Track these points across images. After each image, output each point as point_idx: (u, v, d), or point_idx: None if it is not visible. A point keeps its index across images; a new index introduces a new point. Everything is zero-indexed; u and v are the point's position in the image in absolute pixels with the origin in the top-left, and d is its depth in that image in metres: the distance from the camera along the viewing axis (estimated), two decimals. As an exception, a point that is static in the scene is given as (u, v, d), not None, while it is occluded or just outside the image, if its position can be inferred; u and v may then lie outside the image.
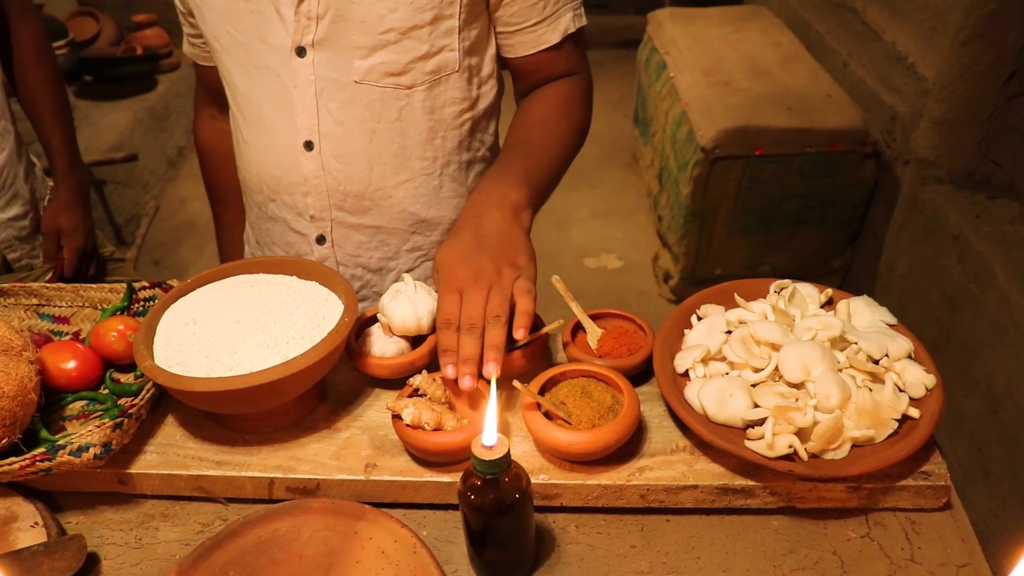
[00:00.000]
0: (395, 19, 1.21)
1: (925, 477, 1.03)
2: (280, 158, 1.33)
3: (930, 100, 2.57)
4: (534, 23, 1.29)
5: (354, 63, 1.24)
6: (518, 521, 0.94)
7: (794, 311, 1.18)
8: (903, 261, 2.74)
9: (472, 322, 1.06)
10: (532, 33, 1.30)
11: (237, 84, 1.32)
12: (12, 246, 1.82)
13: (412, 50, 1.24)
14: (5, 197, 1.78)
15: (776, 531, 1.04)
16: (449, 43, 1.26)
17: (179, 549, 1.06)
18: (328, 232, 1.40)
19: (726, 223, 3.24)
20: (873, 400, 1.04)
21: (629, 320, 1.25)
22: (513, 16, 1.28)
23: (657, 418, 1.14)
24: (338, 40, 1.22)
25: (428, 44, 1.24)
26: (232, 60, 1.30)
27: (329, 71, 1.25)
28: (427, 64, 1.26)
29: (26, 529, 1.05)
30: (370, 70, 1.25)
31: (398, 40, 1.23)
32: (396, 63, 1.25)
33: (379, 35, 1.22)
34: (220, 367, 1.08)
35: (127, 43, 4.54)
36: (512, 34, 1.31)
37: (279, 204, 1.40)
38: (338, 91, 1.26)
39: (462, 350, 1.05)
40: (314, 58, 1.24)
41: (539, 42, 1.32)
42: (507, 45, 1.34)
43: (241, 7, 1.24)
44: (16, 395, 1.07)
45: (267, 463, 1.11)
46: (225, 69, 1.33)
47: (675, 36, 3.89)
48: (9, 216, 1.80)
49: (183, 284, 1.24)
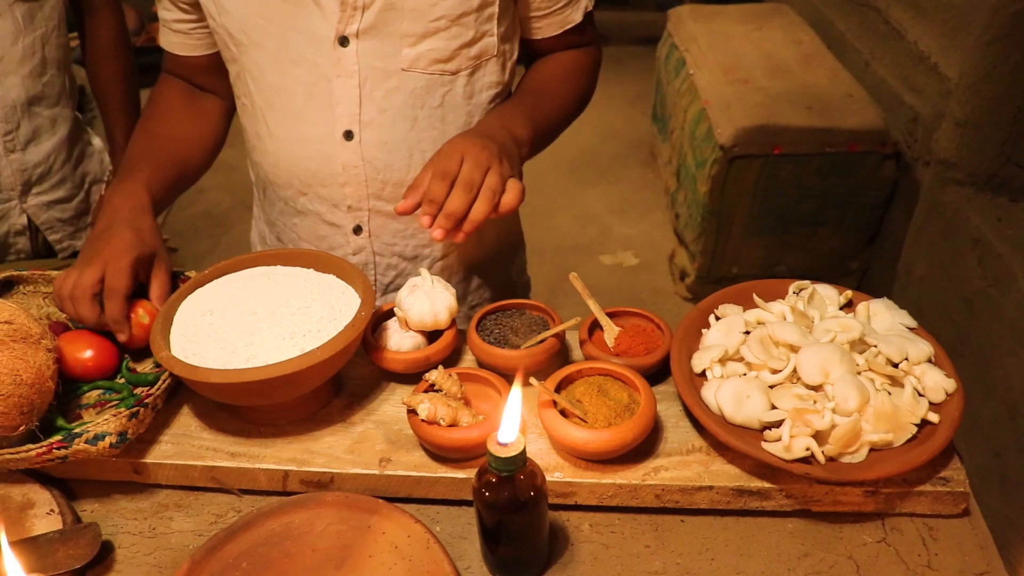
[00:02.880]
0: (446, 6, 1.21)
1: (944, 483, 1.02)
2: (315, 150, 1.32)
3: (953, 101, 2.54)
4: (562, 5, 1.34)
5: (402, 51, 1.24)
6: (532, 519, 0.93)
7: (813, 312, 1.18)
8: (921, 263, 2.72)
9: (470, 182, 1.13)
10: (559, 15, 1.35)
11: (266, 77, 1.30)
12: (53, 227, 1.84)
13: (460, 36, 1.25)
14: (52, 180, 1.80)
15: (791, 534, 1.04)
16: (490, 28, 1.28)
17: (192, 539, 1.07)
18: (365, 222, 1.40)
19: (743, 222, 3.23)
20: (892, 404, 1.03)
21: (646, 319, 1.24)
22: (543, 1, 1.33)
23: (673, 418, 1.13)
24: (386, 28, 1.22)
25: (474, 30, 1.26)
26: (262, 53, 1.28)
27: (374, 60, 1.24)
28: (471, 50, 1.28)
29: (42, 516, 1.06)
30: (418, 57, 1.25)
31: (448, 27, 1.23)
32: (444, 50, 1.26)
33: (429, 23, 1.22)
34: (236, 358, 1.08)
35: (148, 33, 4.56)
36: (542, 17, 1.35)
37: (311, 197, 1.39)
38: (383, 79, 1.26)
39: (450, 203, 1.13)
40: (358, 47, 1.23)
41: (565, 22, 1.36)
42: (535, 28, 1.37)
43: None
44: (34, 383, 1.07)
45: (281, 455, 1.11)
46: (252, 63, 1.30)
47: (695, 33, 3.87)
48: (53, 199, 1.82)
49: (200, 275, 1.24)
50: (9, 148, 1.68)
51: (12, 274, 1.40)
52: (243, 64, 1.32)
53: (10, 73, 1.65)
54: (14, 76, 1.65)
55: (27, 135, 1.71)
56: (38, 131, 1.74)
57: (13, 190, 1.73)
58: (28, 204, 1.76)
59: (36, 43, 1.68)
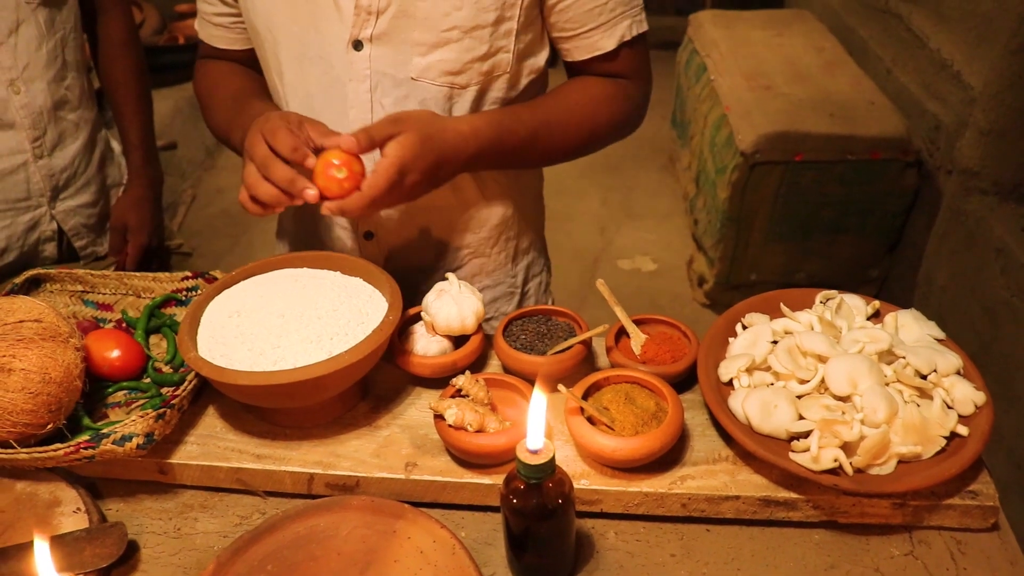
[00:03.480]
0: (459, 17, 1.19)
1: (973, 496, 1.01)
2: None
3: (976, 109, 2.53)
4: (589, 29, 1.27)
5: (412, 59, 1.23)
6: (559, 526, 0.93)
7: (841, 323, 1.17)
8: (943, 273, 2.70)
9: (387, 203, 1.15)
10: (587, 39, 1.28)
11: (286, 74, 1.30)
12: (79, 233, 1.84)
13: (472, 49, 1.23)
14: (77, 184, 1.81)
15: (817, 545, 1.03)
16: (506, 44, 1.24)
17: (217, 541, 1.07)
18: (376, 228, 1.39)
19: (763, 228, 3.22)
20: (921, 416, 1.02)
21: (673, 326, 1.24)
22: (568, 22, 1.27)
23: (700, 426, 1.13)
24: (398, 36, 1.21)
25: (488, 44, 1.23)
26: (283, 50, 1.28)
27: (386, 66, 1.24)
28: (484, 65, 1.25)
29: (69, 514, 1.06)
30: (428, 67, 1.24)
31: (460, 39, 1.21)
32: (455, 62, 1.23)
33: (441, 32, 1.20)
34: (264, 360, 1.08)
35: (170, 32, 4.57)
36: (567, 39, 1.30)
37: None
38: (393, 87, 1.25)
39: (353, 211, 1.11)
40: (371, 52, 1.23)
41: (594, 48, 1.29)
42: (563, 50, 1.32)
43: None
44: (62, 381, 1.08)
45: (307, 458, 1.11)
46: (274, 59, 1.31)
47: (716, 39, 3.86)
48: (79, 203, 1.82)
49: (227, 276, 1.24)
50: (37, 154, 1.69)
51: (39, 272, 1.41)
52: (268, 60, 1.33)
53: (36, 79, 1.66)
54: (40, 81, 1.66)
55: (53, 140, 1.72)
56: (63, 135, 1.75)
57: (43, 196, 1.74)
58: (57, 210, 1.77)
59: (57, 47, 1.69)
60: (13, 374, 1.04)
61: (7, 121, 1.64)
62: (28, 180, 1.70)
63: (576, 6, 1.24)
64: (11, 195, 1.70)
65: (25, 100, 1.64)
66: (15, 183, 1.69)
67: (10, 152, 1.66)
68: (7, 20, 1.59)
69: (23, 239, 1.75)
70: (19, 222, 1.73)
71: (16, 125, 1.65)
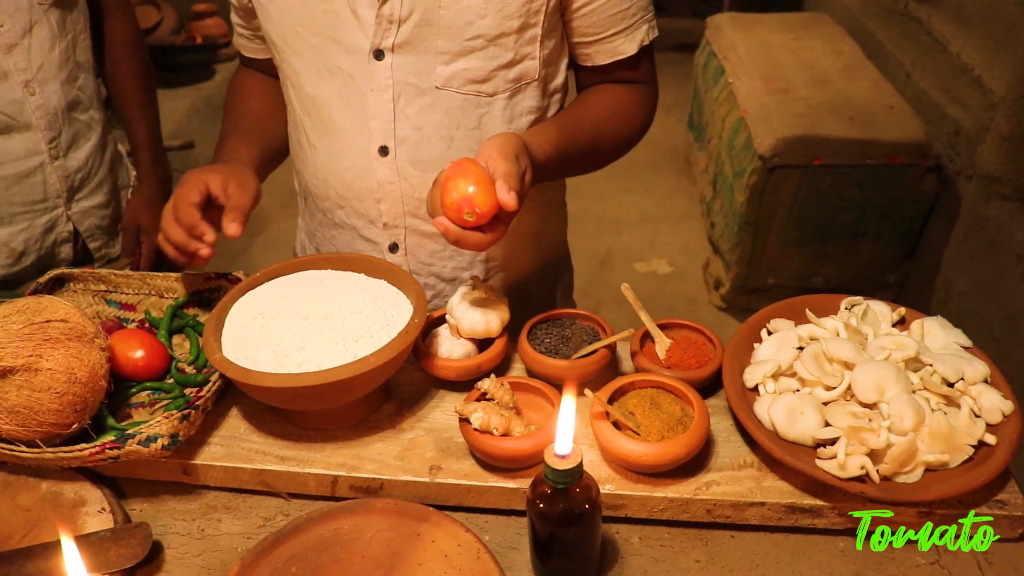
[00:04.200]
0: (484, 25, 1.19)
1: (1000, 506, 1.01)
2: (351, 163, 1.31)
3: (998, 114, 2.51)
4: (611, 34, 1.27)
5: (436, 68, 1.22)
6: (586, 531, 0.93)
7: (867, 329, 1.16)
8: (962, 278, 2.69)
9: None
10: (609, 44, 1.28)
11: (305, 86, 1.30)
12: (94, 235, 1.85)
13: (497, 57, 1.22)
14: (91, 185, 1.82)
15: (843, 552, 1.03)
16: (531, 51, 1.24)
17: (241, 542, 1.07)
18: (401, 240, 1.38)
19: (780, 232, 3.21)
20: (948, 424, 1.02)
21: (698, 331, 1.23)
22: (591, 27, 1.27)
23: (724, 432, 1.13)
24: (421, 44, 1.20)
25: (513, 52, 1.22)
26: (301, 61, 1.28)
27: (409, 75, 1.23)
28: (510, 72, 1.25)
29: (94, 514, 1.07)
30: (453, 76, 1.23)
31: (484, 47, 1.21)
32: (480, 70, 1.23)
33: (465, 41, 1.20)
34: (288, 362, 1.08)
35: (187, 32, 4.59)
36: (589, 44, 1.29)
37: (348, 211, 1.38)
38: (417, 96, 1.24)
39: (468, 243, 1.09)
40: (393, 62, 1.22)
41: (615, 53, 1.29)
42: (583, 54, 1.32)
43: (313, 7, 1.22)
44: (88, 381, 1.08)
45: (331, 460, 1.11)
46: (292, 70, 1.30)
47: (734, 41, 3.86)
48: (93, 204, 1.83)
49: (252, 277, 1.25)
50: (53, 155, 1.70)
51: (63, 272, 1.42)
52: (284, 72, 1.33)
53: (50, 80, 1.67)
54: (54, 82, 1.67)
55: (68, 141, 1.73)
56: (76, 136, 1.76)
57: (59, 197, 1.74)
58: (73, 211, 1.78)
59: (69, 48, 1.71)
60: (40, 374, 1.05)
61: (24, 122, 1.65)
62: (45, 181, 1.71)
63: (599, 11, 1.24)
64: (29, 197, 1.71)
65: (40, 101, 1.65)
66: (33, 185, 1.70)
67: (27, 154, 1.67)
68: (21, 22, 1.60)
69: (41, 241, 1.76)
70: (37, 224, 1.74)
71: (33, 126, 1.66)
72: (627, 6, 1.25)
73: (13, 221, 1.70)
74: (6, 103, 1.61)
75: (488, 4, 1.17)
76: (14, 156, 1.65)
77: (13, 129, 1.64)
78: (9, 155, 1.65)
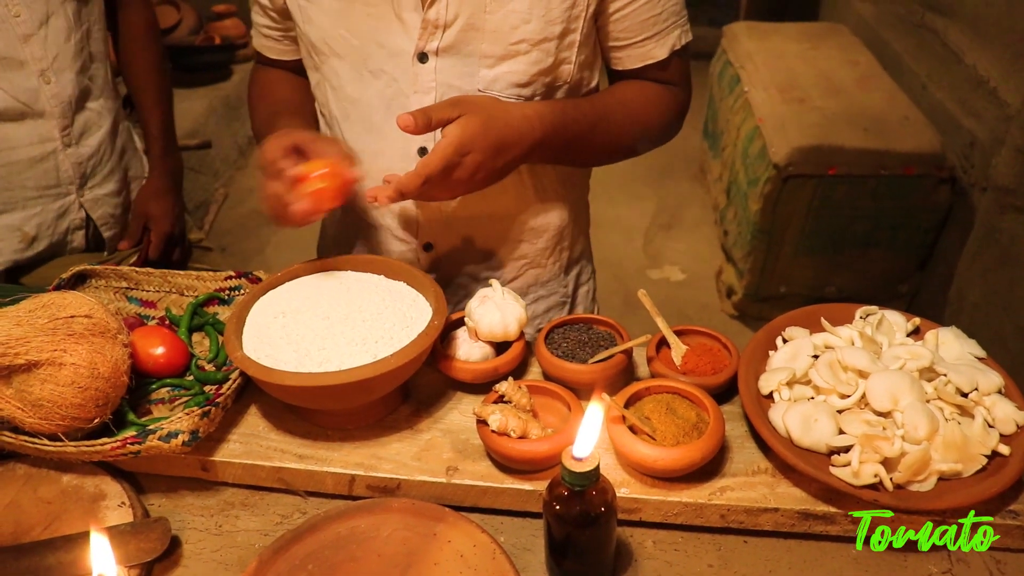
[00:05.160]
0: (528, 30, 1.20)
1: (1014, 516, 1.01)
2: (391, 164, 1.30)
3: (1013, 126, 2.51)
4: (643, 39, 1.28)
5: (480, 71, 1.23)
6: (601, 534, 0.94)
7: (882, 339, 1.17)
8: (975, 290, 2.69)
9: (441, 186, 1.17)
10: (640, 48, 1.30)
11: (346, 87, 1.30)
12: (107, 223, 1.89)
13: (539, 62, 1.23)
14: (103, 172, 1.85)
15: (855, 560, 1.03)
16: (569, 56, 1.25)
17: (258, 539, 1.08)
18: (436, 240, 1.40)
19: (794, 241, 3.21)
20: (962, 434, 1.02)
21: (713, 338, 1.24)
22: (623, 32, 1.28)
23: (739, 438, 1.13)
24: (465, 48, 1.21)
25: (553, 57, 1.24)
26: (343, 63, 1.28)
27: (452, 78, 1.24)
28: (548, 77, 1.26)
29: (114, 508, 1.08)
30: (496, 79, 1.24)
31: (528, 52, 1.22)
32: (523, 74, 1.24)
33: (510, 45, 1.21)
34: (309, 362, 1.09)
35: (206, 32, 4.62)
36: (621, 48, 1.31)
37: (383, 211, 1.39)
38: None
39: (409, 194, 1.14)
40: (437, 64, 1.23)
41: (646, 57, 1.30)
42: (615, 58, 1.33)
43: (357, 9, 1.22)
44: (110, 377, 1.10)
45: (349, 460, 1.12)
46: (332, 72, 1.31)
47: (750, 50, 3.86)
48: (106, 192, 1.87)
49: (273, 277, 1.26)
50: (66, 143, 1.74)
51: (85, 268, 1.43)
52: (324, 74, 1.33)
53: (65, 69, 1.71)
54: (68, 72, 1.71)
55: (80, 129, 1.77)
56: (88, 124, 1.80)
57: (72, 184, 1.78)
58: (85, 199, 1.82)
59: (84, 39, 1.74)
60: (64, 368, 1.06)
61: (38, 110, 1.69)
62: (58, 168, 1.75)
63: (632, 16, 1.25)
64: (42, 182, 1.75)
65: (55, 90, 1.69)
66: (46, 170, 1.74)
67: (41, 140, 1.71)
68: (39, 12, 1.63)
69: (54, 227, 1.79)
70: (50, 209, 1.78)
71: (46, 114, 1.70)
72: (659, 11, 1.26)
73: (27, 206, 1.74)
74: (22, 91, 1.65)
75: (533, 9, 1.18)
76: (28, 142, 1.70)
77: (27, 116, 1.68)
78: (23, 141, 1.69)
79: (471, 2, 1.18)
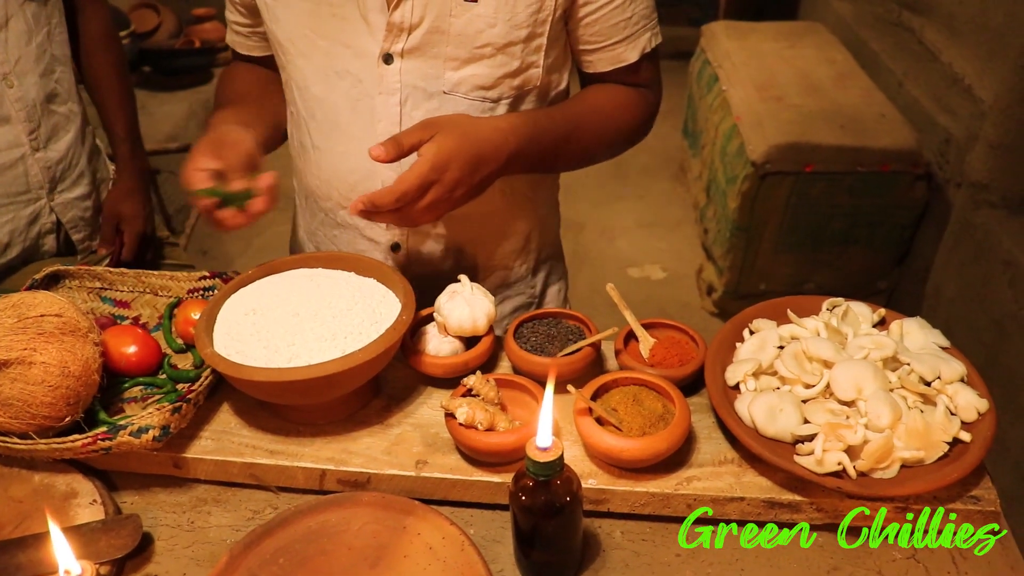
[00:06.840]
0: (493, 34, 1.20)
1: (975, 501, 1.03)
2: (356, 164, 1.32)
3: (987, 123, 2.54)
4: (614, 42, 1.29)
5: (445, 74, 1.24)
6: (567, 524, 0.95)
7: (847, 329, 1.18)
8: (951, 285, 2.71)
9: (420, 208, 1.15)
10: (611, 51, 1.30)
11: (311, 88, 1.31)
12: (77, 226, 1.88)
13: (504, 65, 1.24)
14: (71, 176, 1.85)
15: (821, 547, 1.04)
16: (536, 60, 1.26)
17: (230, 534, 1.09)
18: (404, 241, 1.40)
19: (773, 239, 3.23)
20: (924, 421, 1.04)
21: (681, 331, 1.25)
22: (594, 36, 1.29)
23: (706, 429, 1.15)
24: (430, 50, 1.22)
25: (519, 60, 1.24)
26: (309, 64, 1.29)
27: (417, 80, 1.25)
28: (515, 80, 1.27)
29: (85, 506, 1.08)
30: (460, 82, 1.25)
31: (493, 55, 1.23)
32: (487, 77, 1.25)
33: (475, 49, 1.22)
34: (278, 358, 1.10)
35: (186, 36, 4.60)
36: (591, 52, 1.31)
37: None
38: (424, 100, 1.26)
39: (383, 216, 1.16)
40: (402, 66, 1.23)
41: (617, 60, 1.31)
42: (585, 61, 1.34)
43: (323, 11, 1.23)
44: (81, 375, 1.10)
45: (319, 455, 1.13)
46: (298, 72, 1.31)
47: (729, 50, 3.88)
48: (75, 196, 1.87)
49: (243, 275, 1.26)
50: (34, 147, 1.74)
51: (59, 268, 1.43)
52: (290, 73, 1.34)
53: (28, 72, 1.70)
54: (31, 75, 1.71)
55: (47, 132, 1.77)
56: (56, 128, 1.80)
57: (42, 188, 1.78)
58: (55, 202, 1.82)
59: (45, 41, 1.74)
60: (34, 367, 1.06)
61: (3, 115, 1.69)
62: (27, 173, 1.75)
63: (603, 20, 1.26)
64: (12, 188, 1.74)
65: (19, 94, 1.69)
66: (15, 176, 1.74)
67: (8, 146, 1.71)
68: None
69: (25, 232, 1.79)
70: (21, 215, 1.77)
71: (12, 119, 1.70)
72: (630, 15, 1.27)
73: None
74: None
75: (498, 13, 1.19)
76: None
77: None
78: None
79: (436, 5, 1.18)
